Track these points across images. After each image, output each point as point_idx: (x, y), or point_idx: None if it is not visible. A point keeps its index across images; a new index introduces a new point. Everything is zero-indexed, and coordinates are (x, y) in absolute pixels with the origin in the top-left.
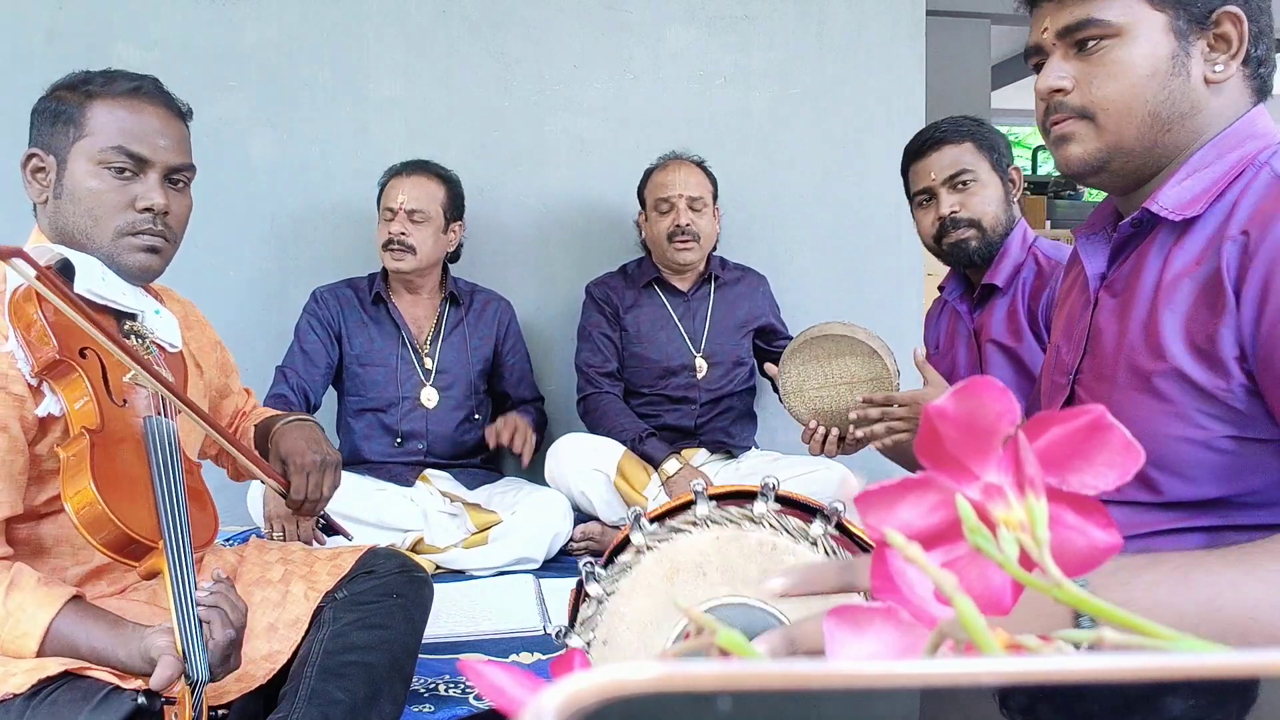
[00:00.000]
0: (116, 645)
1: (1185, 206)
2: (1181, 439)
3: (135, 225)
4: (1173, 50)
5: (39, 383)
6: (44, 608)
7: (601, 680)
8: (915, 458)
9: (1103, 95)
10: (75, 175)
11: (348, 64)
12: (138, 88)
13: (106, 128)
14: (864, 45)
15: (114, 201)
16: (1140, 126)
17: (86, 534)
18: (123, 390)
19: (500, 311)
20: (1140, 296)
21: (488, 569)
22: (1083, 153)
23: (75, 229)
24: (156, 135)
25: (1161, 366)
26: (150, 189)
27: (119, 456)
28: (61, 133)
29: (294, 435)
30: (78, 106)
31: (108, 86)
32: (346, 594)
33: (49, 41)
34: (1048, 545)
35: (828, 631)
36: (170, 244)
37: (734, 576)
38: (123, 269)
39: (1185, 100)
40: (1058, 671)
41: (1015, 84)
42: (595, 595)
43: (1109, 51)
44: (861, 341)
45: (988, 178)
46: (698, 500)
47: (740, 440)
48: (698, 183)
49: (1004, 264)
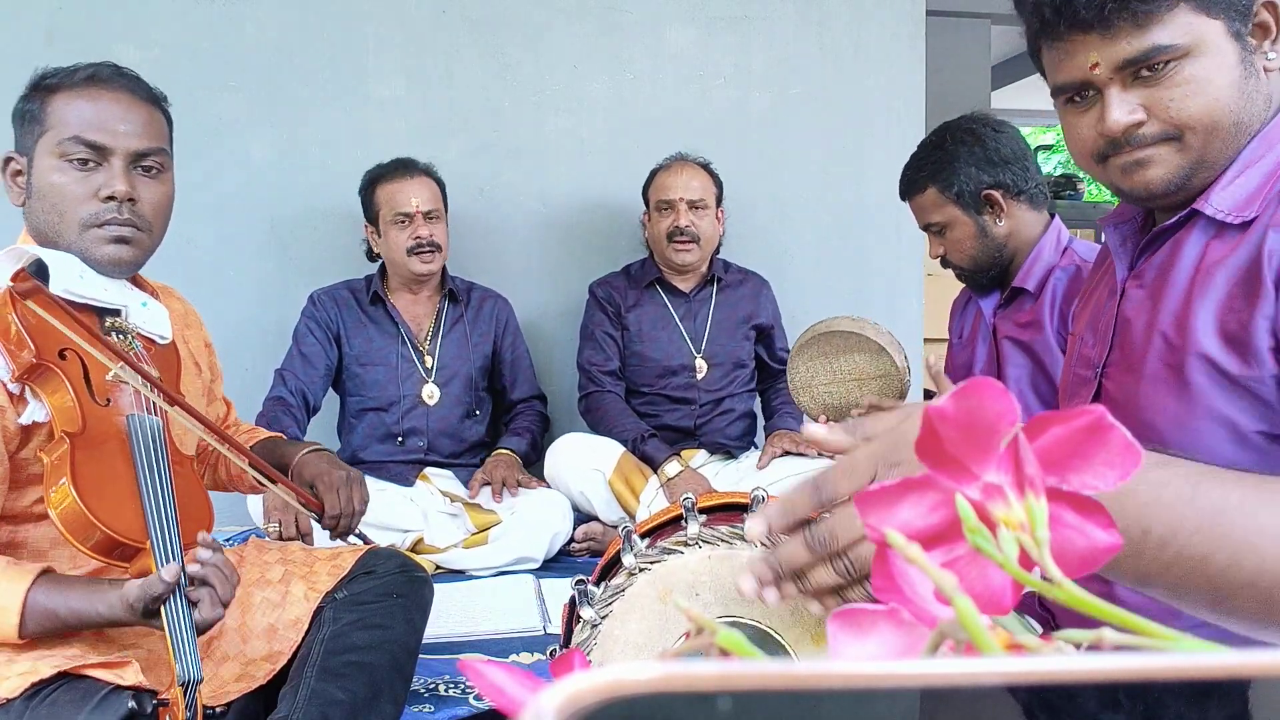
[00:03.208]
0: (95, 600)
1: (1242, 208)
2: (1210, 431)
3: (100, 216)
4: (1239, 54)
5: (21, 389)
6: (17, 581)
7: (601, 680)
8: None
9: (1188, 115)
10: (40, 172)
11: (348, 64)
12: (93, 75)
13: (65, 119)
14: (864, 45)
15: (76, 194)
16: (1226, 138)
17: (71, 538)
18: (105, 389)
19: (499, 309)
20: (1174, 286)
21: (488, 569)
22: (1165, 174)
23: (46, 226)
24: (116, 121)
25: (1191, 355)
26: (113, 177)
27: (103, 458)
28: (29, 132)
29: (316, 461)
30: (40, 103)
31: (66, 78)
32: (346, 594)
33: (49, 41)
34: (1048, 545)
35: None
36: (144, 233)
37: (727, 595)
38: (94, 263)
39: (1260, 98)
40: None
41: (1015, 84)
42: (589, 619)
43: (1180, 70)
44: (870, 339)
45: (956, 219)
46: (687, 518)
47: (740, 441)
48: (700, 184)
49: (1036, 268)
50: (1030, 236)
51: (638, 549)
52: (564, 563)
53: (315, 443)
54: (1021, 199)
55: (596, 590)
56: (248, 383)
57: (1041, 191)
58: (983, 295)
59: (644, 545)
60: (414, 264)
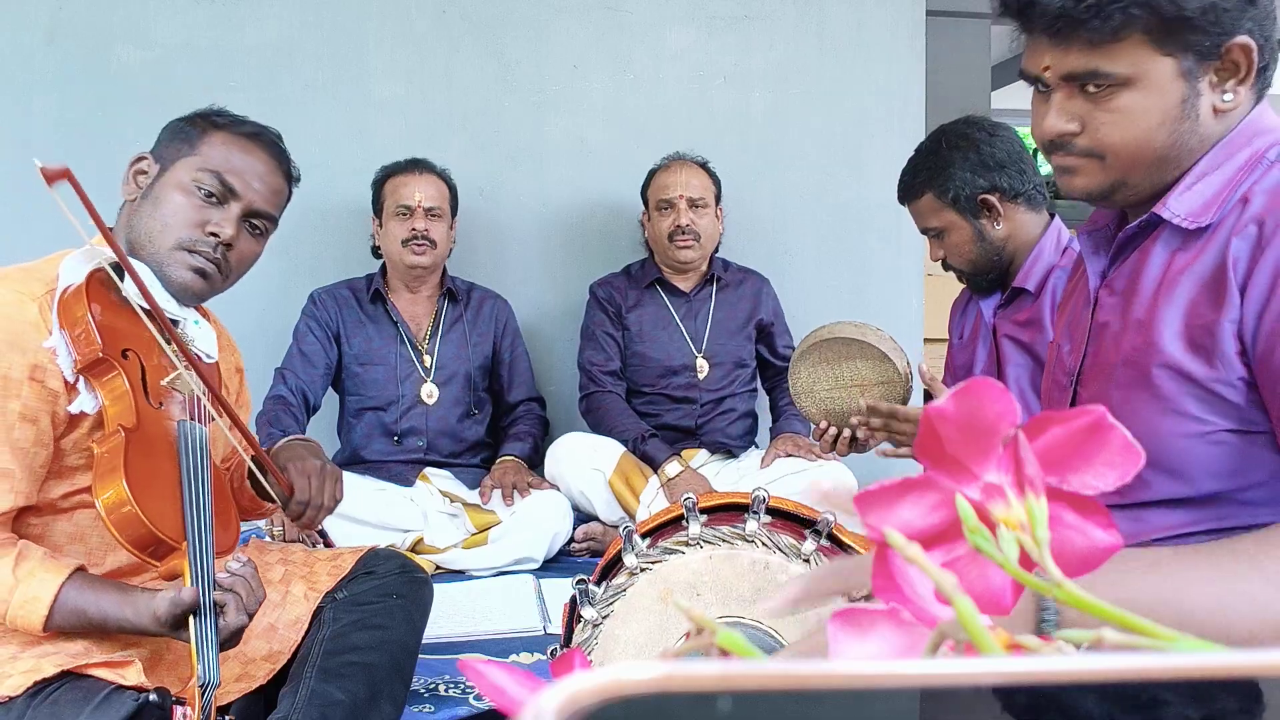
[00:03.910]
0: (124, 605)
1: (1198, 214)
2: (1180, 435)
3: (196, 244)
4: (1182, 95)
5: (76, 379)
6: (53, 573)
7: (601, 680)
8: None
9: (1111, 142)
10: (168, 184)
11: (348, 64)
12: (259, 133)
13: (214, 154)
14: (864, 45)
15: (188, 217)
16: (1148, 167)
17: (114, 530)
18: (159, 393)
19: (498, 310)
20: (1142, 294)
21: (488, 569)
22: (1086, 184)
23: (144, 231)
24: (255, 177)
25: (1157, 361)
26: (226, 219)
27: (152, 456)
28: (176, 148)
29: (296, 447)
30: (200, 131)
31: (234, 124)
32: (346, 594)
33: (49, 42)
34: (1048, 545)
35: (831, 635)
36: (222, 276)
37: (728, 596)
38: (168, 281)
39: (1194, 137)
40: (1057, 672)
41: (1015, 84)
42: (590, 619)
43: (1117, 97)
44: (872, 345)
45: (953, 223)
46: (689, 518)
47: (740, 441)
48: (700, 183)
49: (1036, 267)
50: (1030, 237)
51: (639, 549)
52: (564, 563)
53: (305, 437)
54: (1019, 201)
55: (598, 590)
56: (248, 382)
57: (1040, 192)
58: (984, 296)
59: (645, 545)
60: (406, 255)
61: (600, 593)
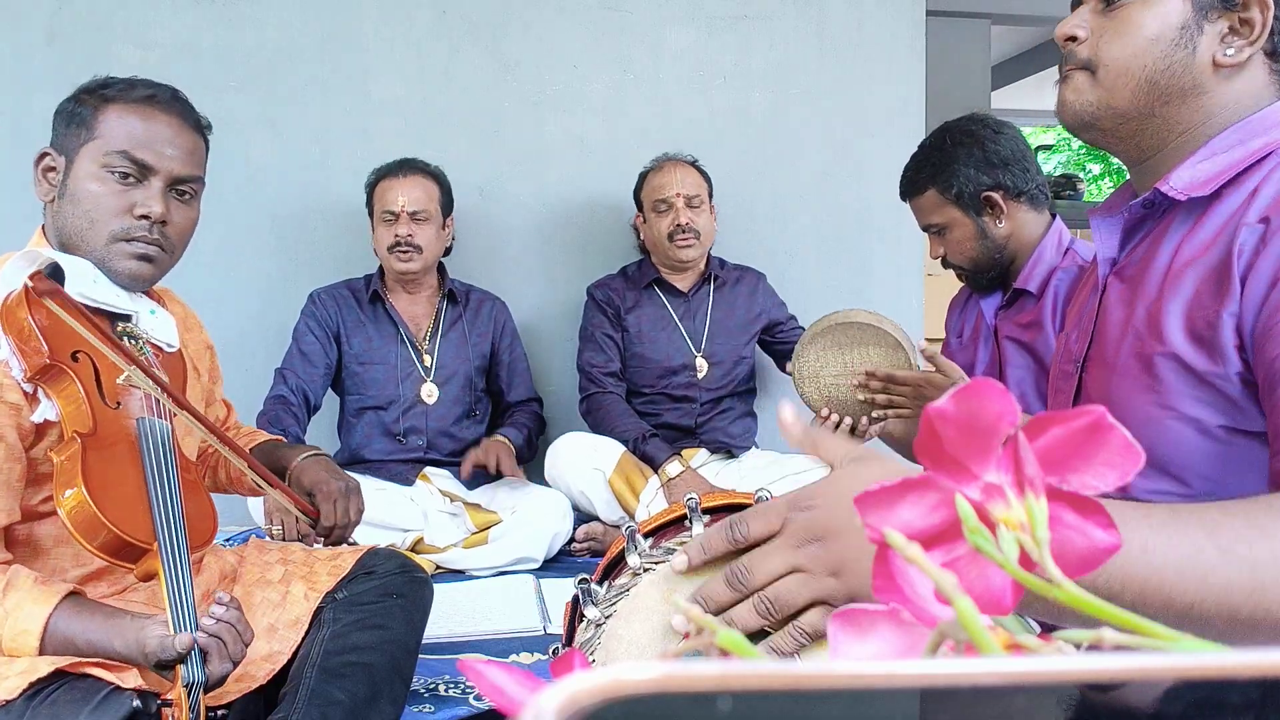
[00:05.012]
0: (112, 636)
1: (1195, 188)
2: (1177, 427)
3: (130, 231)
4: (1184, 20)
5: (34, 389)
6: (40, 604)
7: (601, 680)
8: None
9: (1106, 52)
10: (79, 176)
11: (348, 64)
12: (152, 95)
13: (115, 132)
14: (864, 45)
15: (112, 206)
16: (1135, 90)
17: (80, 537)
18: (116, 392)
19: (496, 311)
20: (1149, 282)
21: (488, 569)
22: (1076, 102)
23: (72, 230)
24: (165, 144)
25: (1160, 350)
26: (151, 197)
27: (113, 459)
28: (74, 134)
29: (315, 468)
30: (92, 110)
31: (124, 92)
32: (346, 594)
33: (49, 41)
34: (1048, 545)
35: (831, 635)
36: (167, 254)
37: None
38: (113, 274)
39: (1187, 75)
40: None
41: (1015, 84)
42: (593, 618)
43: (1127, 10)
44: (888, 332)
45: (956, 220)
46: (692, 518)
47: (741, 440)
48: (694, 181)
49: (1037, 269)
50: (1031, 237)
51: (642, 549)
52: (564, 563)
53: (314, 447)
54: (1021, 200)
55: (600, 589)
56: (249, 382)
57: (1042, 192)
58: (984, 295)
59: (648, 545)
60: (392, 261)
61: (603, 592)
